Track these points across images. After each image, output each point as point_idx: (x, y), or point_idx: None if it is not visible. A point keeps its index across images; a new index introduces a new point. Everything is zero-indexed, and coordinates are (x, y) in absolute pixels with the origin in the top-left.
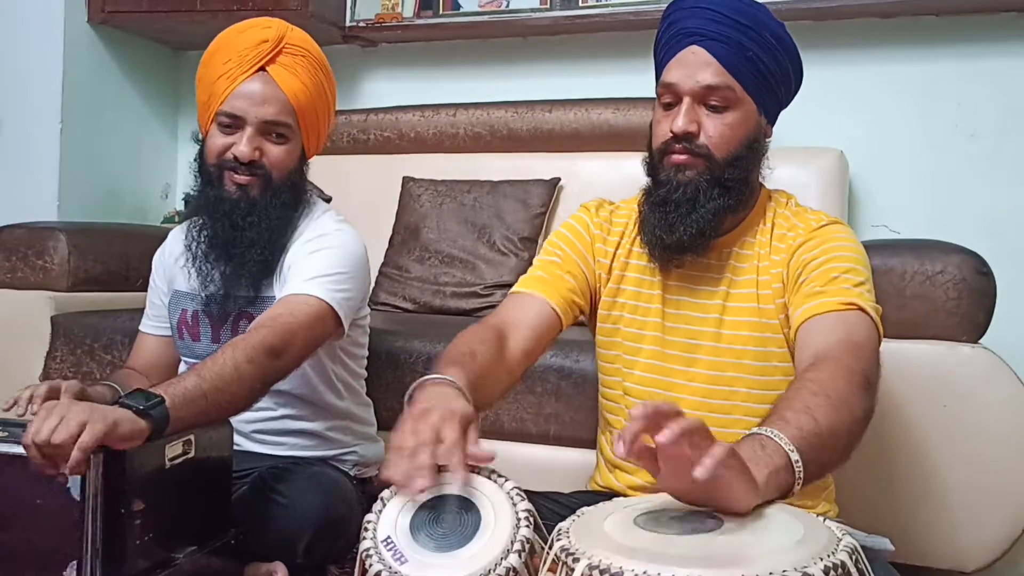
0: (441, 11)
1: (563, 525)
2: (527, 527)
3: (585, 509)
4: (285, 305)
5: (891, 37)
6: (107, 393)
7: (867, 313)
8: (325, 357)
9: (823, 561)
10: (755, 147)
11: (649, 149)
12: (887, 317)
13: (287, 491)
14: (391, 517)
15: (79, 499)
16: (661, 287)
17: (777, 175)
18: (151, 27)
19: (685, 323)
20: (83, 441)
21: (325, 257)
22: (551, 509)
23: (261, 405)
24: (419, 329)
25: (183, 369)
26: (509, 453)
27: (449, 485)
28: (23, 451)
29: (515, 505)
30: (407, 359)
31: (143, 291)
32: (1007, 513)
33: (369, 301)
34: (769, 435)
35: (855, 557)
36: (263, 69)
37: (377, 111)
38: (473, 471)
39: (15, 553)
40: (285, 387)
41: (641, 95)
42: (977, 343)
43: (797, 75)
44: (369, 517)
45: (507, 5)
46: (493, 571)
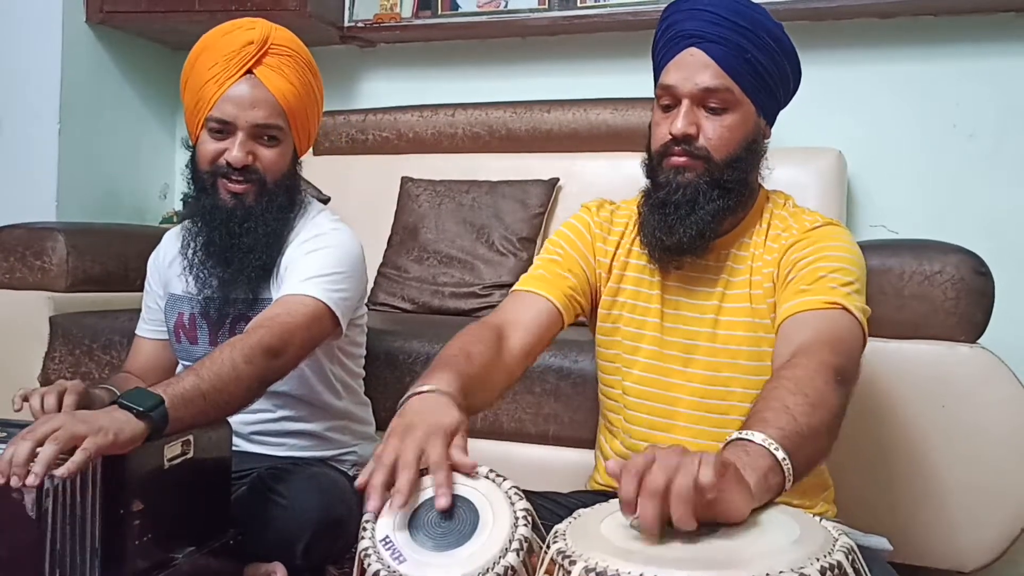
0: (439, 11)
1: (560, 527)
2: (525, 526)
3: (582, 511)
4: (282, 305)
5: (890, 37)
6: (106, 397)
7: (851, 313)
8: (323, 357)
9: (819, 561)
10: (754, 148)
11: (648, 151)
12: (886, 317)
13: (286, 491)
14: (389, 517)
15: (34, 518)
16: (660, 287)
17: (776, 175)
18: (149, 27)
19: (683, 323)
20: (84, 452)
21: (322, 257)
22: (549, 509)
23: (259, 406)
24: (418, 329)
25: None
26: (508, 453)
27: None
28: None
29: (513, 504)
30: (406, 359)
31: (142, 291)
32: (1006, 513)
33: (368, 301)
34: (750, 439)
35: (851, 557)
36: (250, 71)
37: (376, 111)
38: (468, 475)
39: None
40: (283, 388)
41: (639, 95)
42: (975, 343)
43: (795, 76)
44: (367, 516)
45: (505, 5)
46: (491, 570)
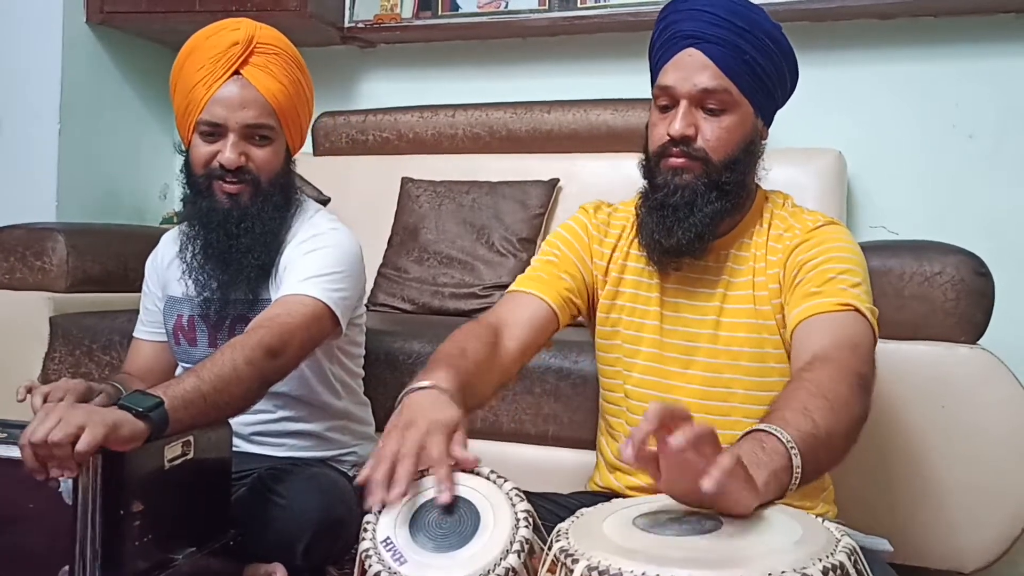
0: (440, 12)
1: (562, 526)
2: (526, 527)
3: (584, 510)
4: (282, 305)
5: (889, 38)
6: (114, 393)
7: (863, 314)
8: (322, 357)
9: (822, 562)
10: (752, 149)
11: (645, 151)
12: (886, 318)
13: (286, 492)
14: (390, 518)
15: (71, 504)
16: (659, 289)
17: (775, 176)
18: (150, 27)
19: (683, 325)
20: (83, 443)
21: (320, 257)
22: (550, 510)
23: (259, 407)
24: (417, 330)
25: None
26: (507, 454)
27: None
28: (18, 454)
29: (514, 506)
30: (405, 360)
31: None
32: (1006, 513)
33: (368, 302)
34: (771, 431)
35: (854, 558)
36: (238, 72)
37: (376, 112)
38: (470, 472)
39: (10, 556)
40: (283, 389)
41: (640, 96)
42: (975, 344)
43: (793, 76)
44: (368, 518)
45: (506, 6)
46: (492, 571)
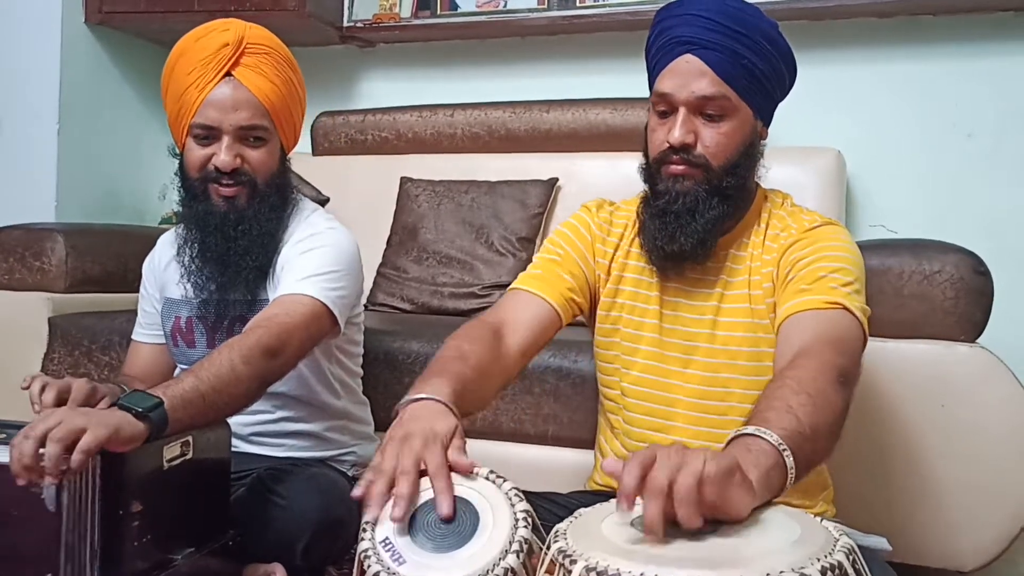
0: (438, 11)
1: (560, 526)
2: (525, 527)
3: (582, 510)
4: (280, 305)
5: (888, 37)
6: (117, 392)
7: (852, 313)
8: (321, 356)
9: (820, 562)
10: (752, 152)
11: (645, 156)
12: (885, 316)
13: (285, 492)
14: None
15: (54, 510)
16: (659, 288)
17: (775, 175)
18: (148, 27)
19: (681, 324)
20: (85, 444)
21: (318, 256)
22: (549, 510)
23: (258, 407)
24: (417, 330)
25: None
26: (507, 453)
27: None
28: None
29: (513, 506)
30: (405, 360)
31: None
32: (1005, 512)
33: (367, 301)
34: (757, 434)
35: (852, 557)
36: (228, 74)
37: (375, 111)
38: (467, 475)
39: (3, 561)
40: (282, 389)
41: (639, 95)
42: (975, 343)
43: (791, 73)
44: (367, 518)
45: (505, 5)
46: (491, 571)
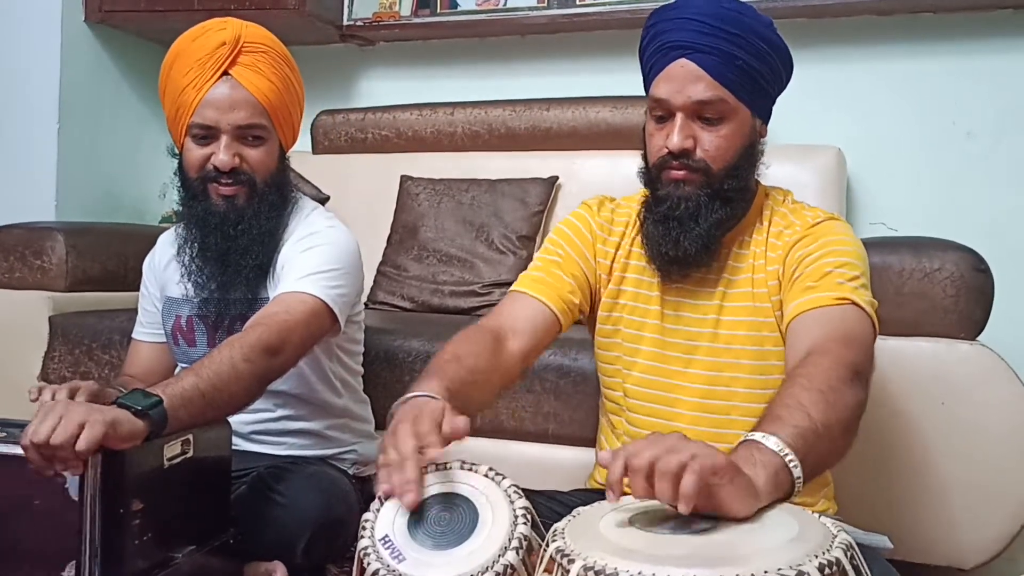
0: (438, 10)
1: (559, 525)
2: (524, 524)
3: (581, 509)
4: (280, 303)
5: (888, 35)
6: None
7: (861, 307)
8: (322, 355)
9: (818, 559)
10: (751, 153)
11: (644, 160)
12: (885, 314)
13: (286, 491)
14: (389, 516)
15: (77, 499)
16: (660, 288)
17: (775, 173)
18: (149, 26)
19: (683, 324)
20: (83, 441)
21: (318, 254)
22: (549, 507)
23: (259, 406)
24: (417, 328)
25: None
26: (507, 451)
27: (447, 484)
28: (19, 451)
29: (512, 503)
30: (405, 358)
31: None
32: (1005, 510)
33: (367, 300)
34: (760, 440)
35: (850, 553)
36: (226, 73)
37: (375, 110)
38: (468, 470)
39: (14, 552)
40: (283, 387)
41: (639, 93)
42: (975, 340)
43: (787, 69)
44: (367, 516)
45: (504, 4)
46: (491, 568)
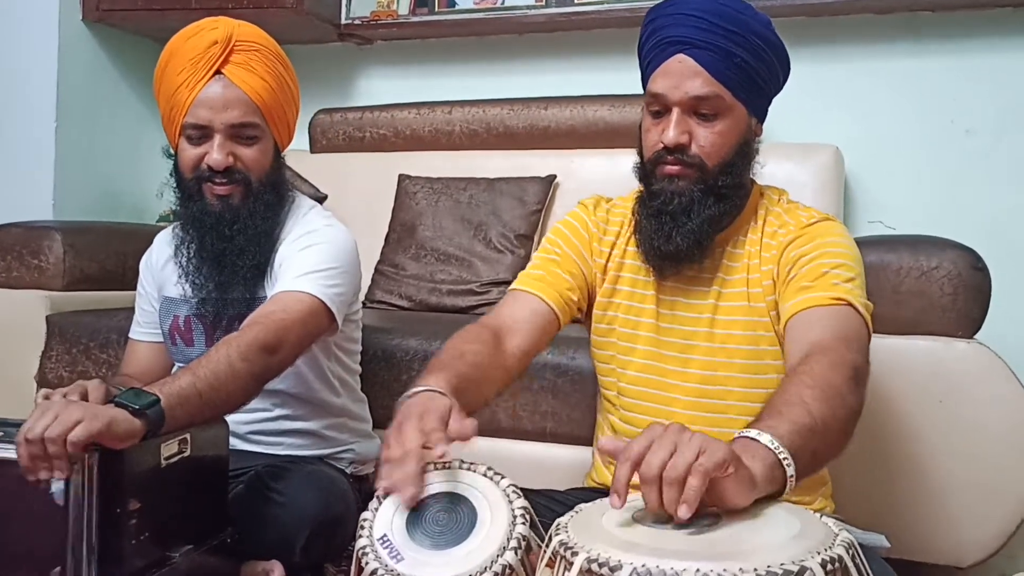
0: (436, 8)
1: (562, 520)
2: (523, 524)
3: (583, 505)
4: (278, 302)
5: (886, 33)
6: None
7: (856, 309)
8: (320, 354)
9: (820, 555)
10: (746, 150)
11: (640, 156)
12: (883, 313)
13: (284, 490)
14: (387, 515)
15: (62, 504)
16: (655, 287)
17: (773, 171)
18: (146, 25)
19: (679, 323)
20: (76, 435)
21: (315, 253)
22: (547, 506)
23: (257, 405)
24: (415, 327)
25: None
26: (505, 450)
27: (445, 483)
28: (13, 455)
29: (511, 502)
30: (403, 357)
31: None
32: (1003, 508)
33: (365, 299)
34: (755, 438)
35: (852, 552)
36: (219, 72)
37: (373, 109)
38: (467, 469)
39: (5, 556)
40: (281, 386)
41: (636, 92)
42: (972, 339)
43: (784, 68)
44: (365, 515)
45: (502, 2)
46: (489, 568)
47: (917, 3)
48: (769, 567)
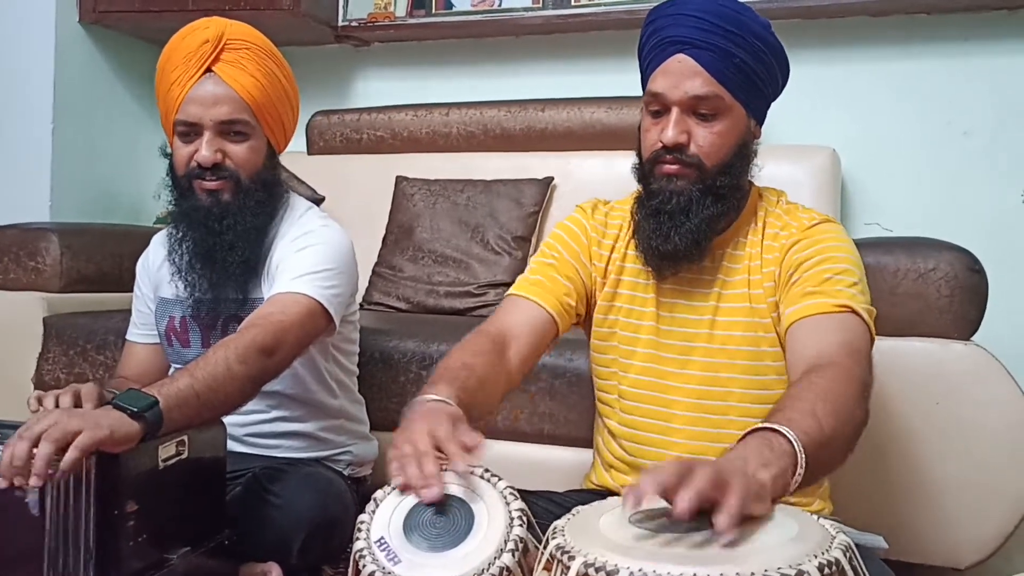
0: (434, 10)
1: (559, 523)
2: (520, 526)
3: (580, 507)
4: (275, 303)
5: (883, 35)
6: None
7: (859, 315)
8: (318, 355)
9: (818, 558)
10: (745, 151)
11: (639, 156)
12: (880, 314)
13: (281, 491)
14: (384, 517)
15: (37, 514)
16: (655, 290)
17: (770, 173)
18: (143, 27)
19: (679, 325)
20: (81, 444)
21: (312, 254)
22: (545, 508)
23: (253, 407)
24: (412, 329)
25: None
26: (503, 452)
27: (444, 485)
28: None
29: (508, 504)
30: (400, 359)
31: None
32: (1000, 509)
33: (363, 301)
34: (780, 430)
35: (849, 554)
36: (209, 70)
37: (370, 110)
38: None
39: (6, 554)
40: (278, 387)
41: (634, 94)
42: (969, 340)
43: (784, 72)
44: (362, 517)
45: (499, 4)
46: (487, 570)
47: (914, 5)
48: (766, 571)
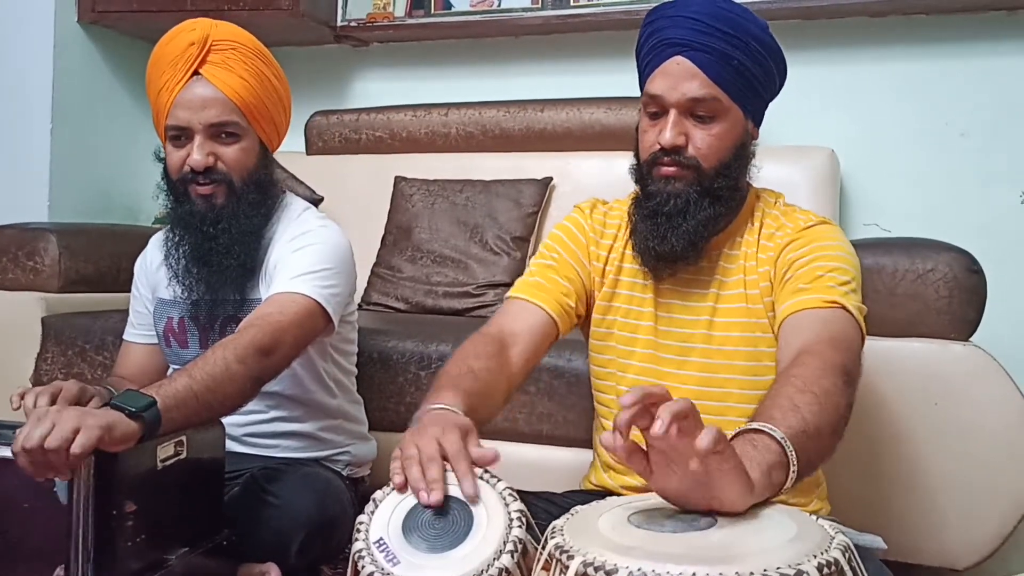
0: (433, 10)
1: (557, 523)
2: (519, 527)
3: (579, 508)
4: (273, 304)
5: (881, 36)
6: (107, 396)
7: (850, 312)
8: (316, 355)
9: (817, 559)
10: (743, 153)
11: (636, 157)
12: (878, 315)
13: (280, 492)
14: (383, 518)
15: (66, 503)
16: (653, 290)
17: (769, 174)
18: (141, 27)
19: (677, 325)
20: (78, 447)
21: (310, 254)
22: (544, 509)
23: (252, 408)
24: (411, 329)
25: None
26: (502, 452)
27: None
28: (11, 455)
29: (507, 505)
30: (399, 359)
31: None
32: (998, 510)
33: (361, 301)
34: (762, 428)
35: (848, 555)
36: (196, 72)
37: (369, 111)
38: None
39: (5, 555)
40: (276, 388)
41: (633, 94)
42: (968, 341)
43: (781, 73)
44: (361, 518)
45: (499, 4)
46: (486, 572)
47: (912, 6)
48: (765, 571)
